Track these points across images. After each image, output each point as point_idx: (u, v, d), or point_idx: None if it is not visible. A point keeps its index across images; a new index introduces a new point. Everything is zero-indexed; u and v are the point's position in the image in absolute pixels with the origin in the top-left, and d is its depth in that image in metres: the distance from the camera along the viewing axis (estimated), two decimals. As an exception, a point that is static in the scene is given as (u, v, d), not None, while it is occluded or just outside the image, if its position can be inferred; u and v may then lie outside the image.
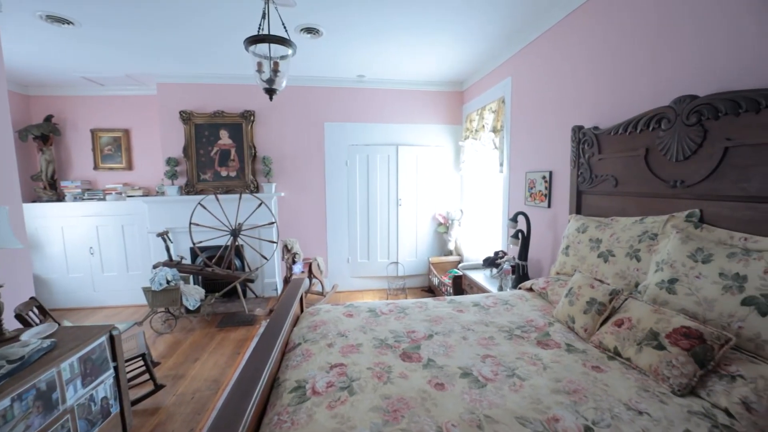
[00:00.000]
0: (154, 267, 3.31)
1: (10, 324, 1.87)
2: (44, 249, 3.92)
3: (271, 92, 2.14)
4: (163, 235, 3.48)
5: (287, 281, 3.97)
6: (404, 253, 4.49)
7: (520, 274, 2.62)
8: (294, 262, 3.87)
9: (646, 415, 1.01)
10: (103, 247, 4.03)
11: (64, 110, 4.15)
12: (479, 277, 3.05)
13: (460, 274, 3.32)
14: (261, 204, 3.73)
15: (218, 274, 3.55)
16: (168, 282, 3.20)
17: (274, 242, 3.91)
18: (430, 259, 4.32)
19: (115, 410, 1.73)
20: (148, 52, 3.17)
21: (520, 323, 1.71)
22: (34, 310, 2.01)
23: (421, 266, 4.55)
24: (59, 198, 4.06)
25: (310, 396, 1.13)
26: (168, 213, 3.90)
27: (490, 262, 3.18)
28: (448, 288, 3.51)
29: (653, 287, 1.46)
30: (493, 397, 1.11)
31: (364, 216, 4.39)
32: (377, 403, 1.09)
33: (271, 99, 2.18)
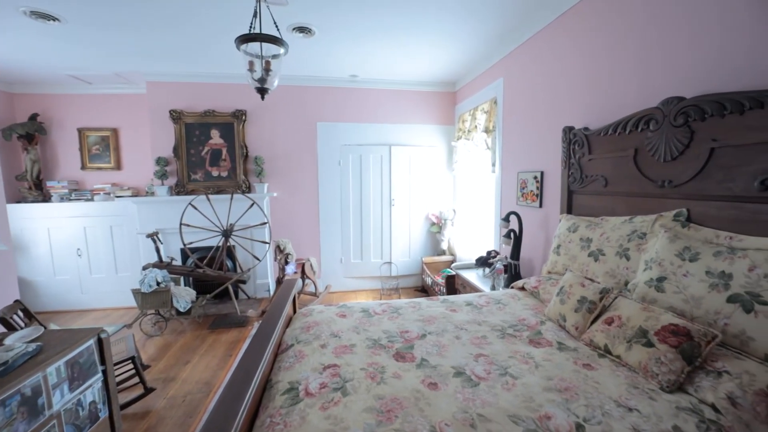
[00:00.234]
0: (144, 268, 3.26)
1: (-6, 328, 1.82)
2: (30, 251, 3.83)
3: (262, 92, 2.12)
4: (152, 236, 3.43)
5: (280, 282, 3.94)
6: (397, 253, 4.49)
7: (513, 274, 2.64)
8: (287, 263, 3.84)
9: (636, 412, 1.02)
10: (91, 249, 3.95)
11: (50, 109, 4.06)
12: (472, 277, 3.07)
13: (453, 273, 3.34)
14: (253, 204, 3.70)
15: (209, 276, 3.51)
16: (158, 283, 3.15)
17: (267, 243, 3.88)
18: (423, 259, 4.33)
19: (103, 415, 1.70)
20: (137, 50, 3.12)
21: (513, 322, 1.72)
22: (19, 313, 1.96)
23: (414, 266, 4.56)
24: (45, 198, 3.97)
25: (303, 397, 1.13)
26: (158, 213, 3.84)
27: (483, 262, 3.20)
28: (441, 288, 3.52)
29: (642, 285, 1.48)
30: (485, 396, 1.12)
31: (357, 216, 4.38)
32: (371, 404, 1.08)
33: (263, 98, 2.16)
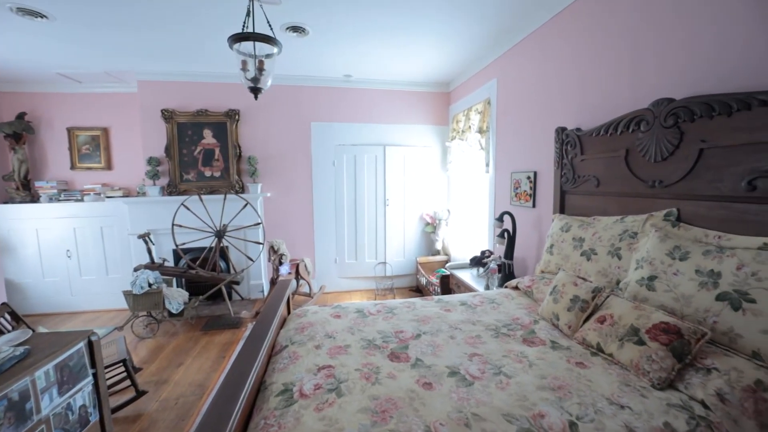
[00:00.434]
0: (135, 270, 3.22)
1: (-20, 331, 1.78)
2: (17, 252, 3.76)
3: (256, 91, 2.10)
4: (144, 236, 3.39)
5: (274, 283, 3.91)
6: (392, 253, 4.49)
7: (506, 273, 2.66)
8: (281, 264, 3.82)
9: (628, 409, 1.04)
10: (80, 250, 3.89)
11: (38, 107, 3.99)
12: (466, 277, 3.08)
13: (448, 273, 3.35)
14: (246, 204, 3.67)
15: (202, 277, 3.47)
16: (150, 285, 3.12)
17: (261, 243, 3.86)
18: (417, 259, 4.34)
19: (94, 418, 1.67)
20: (128, 48, 3.07)
21: (507, 321, 1.73)
22: (6, 316, 1.93)
23: (408, 266, 4.56)
24: (33, 199, 3.89)
25: (298, 399, 1.12)
26: (149, 214, 3.79)
27: (477, 262, 3.21)
28: (436, 287, 3.53)
29: (634, 284, 1.50)
30: (480, 395, 1.12)
31: (351, 216, 4.38)
32: (365, 404, 1.08)
33: (256, 98, 2.15)
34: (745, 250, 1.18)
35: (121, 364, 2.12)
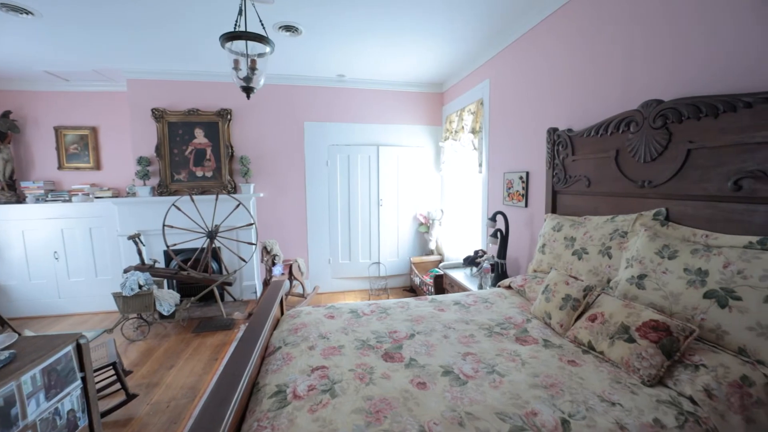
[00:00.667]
0: (125, 271, 3.17)
1: (-36, 335, 1.74)
2: (2, 254, 3.67)
3: (248, 90, 2.09)
4: (134, 237, 3.34)
5: (267, 284, 3.89)
6: (386, 254, 4.49)
7: (499, 273, 2.68)
8: (274, 264, 3.80)
9: (619, 406, 1.05)
10: (69, 251, 3.81)
11: (24, 106, 3.90)
12: (460, 276, 3.09)
13: (441, 273, 3.36)
14: (239, 205, 3.64)
15: (194, 278, 3.43)
16: (140, 287, 3.07)
17: (253, 244, 3.83)
18: (411, 259, 4.35)
19: (83, 423, 1.64)
20: (117, 46, 3.02)
21: (500, 320, 1.74)
22: (-9, 319, 1.88)
23: (402, 266, 4.57)
24: (19, 200, 3.81)
25: (291, 400, 1.11)
26: (140, 215, 3.73)
27: (470, 261, 3.23)
28: (430, 287, 3.54)
29: (624, 283, 1.52)
30: (473, 394, 1.13)
31: (345, 216, 4.36)
32: (359, 405, 1.08)
33: (249, 97, 2.13)
34: (732, 249, 1.21)
35: (111, 368, 2.08)
